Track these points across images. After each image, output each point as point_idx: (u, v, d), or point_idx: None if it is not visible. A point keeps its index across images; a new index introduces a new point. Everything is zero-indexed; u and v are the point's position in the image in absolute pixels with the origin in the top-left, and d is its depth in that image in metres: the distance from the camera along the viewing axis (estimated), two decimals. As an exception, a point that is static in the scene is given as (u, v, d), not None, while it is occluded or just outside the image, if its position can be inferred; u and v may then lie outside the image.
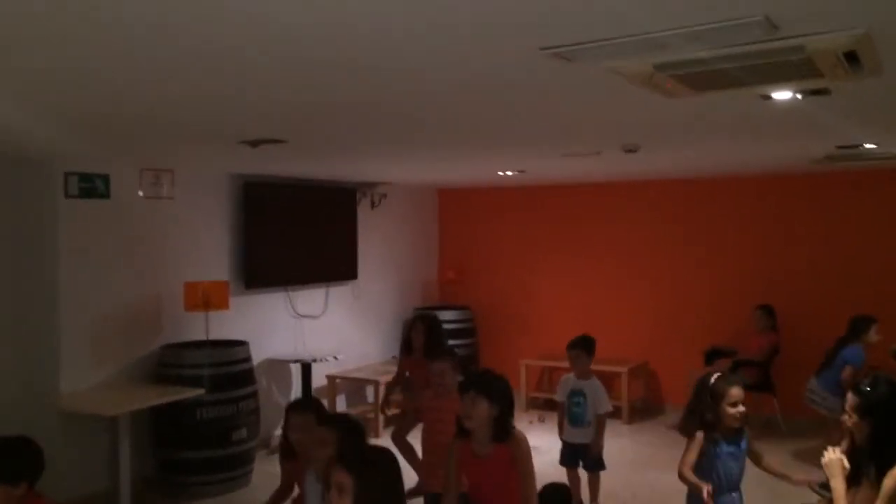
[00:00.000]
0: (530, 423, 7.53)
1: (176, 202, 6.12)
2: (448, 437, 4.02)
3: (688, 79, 2.57)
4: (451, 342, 8.36)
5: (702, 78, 2.55)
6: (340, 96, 3.02)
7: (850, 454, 3.08)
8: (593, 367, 5.16)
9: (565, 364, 5.37)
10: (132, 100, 3.05)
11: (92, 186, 5.50)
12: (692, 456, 3.48)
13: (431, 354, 5.37)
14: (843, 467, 3.00)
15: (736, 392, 3.47)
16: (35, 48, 2.21)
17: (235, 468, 5.77)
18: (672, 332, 7.90)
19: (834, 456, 3.02)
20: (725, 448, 3.51)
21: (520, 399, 8.07)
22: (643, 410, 7.92)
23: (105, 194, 5.59)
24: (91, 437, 5.39)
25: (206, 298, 5.85)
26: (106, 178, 5.59)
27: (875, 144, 4.98)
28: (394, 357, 7.73)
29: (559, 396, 5.16)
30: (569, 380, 5.14)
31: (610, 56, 2.27)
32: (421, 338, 5.67)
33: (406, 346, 5.85)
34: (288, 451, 3.76)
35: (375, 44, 2.18)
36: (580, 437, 5.04)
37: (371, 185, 8.03)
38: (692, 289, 7.85)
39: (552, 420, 6.18)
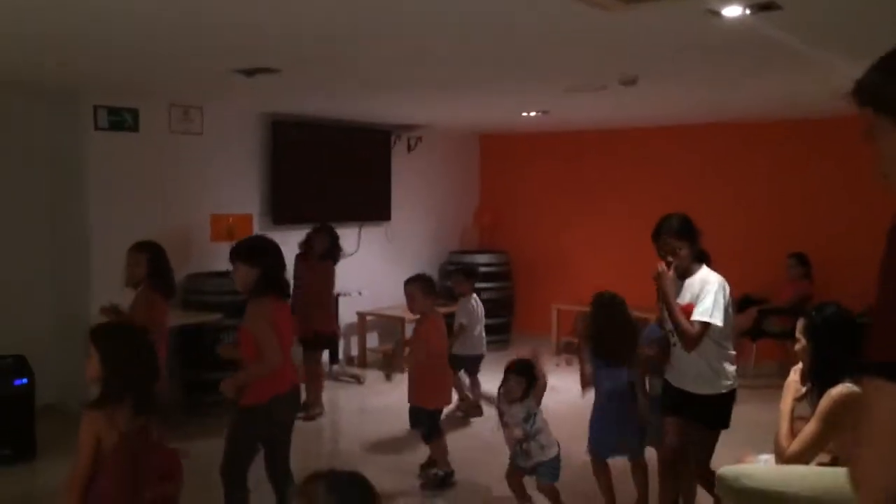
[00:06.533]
0: (557, 365, 7.57)
1: (205, 138, 6.38)
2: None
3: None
4: (486, 285, 8.50)
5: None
6: (324, 28, 3.14)
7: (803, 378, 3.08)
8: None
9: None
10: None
11: (121, 119, 5.80)
12: None
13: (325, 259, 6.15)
14: (796, 389, 3.04)
15: None
16: None
17: (256, 391, 6.05)
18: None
19: (791, 377, 3.06)
20: None
21: (550, 343, 8.14)
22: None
23: (134, 127, 5.89)
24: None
25: (231, 230, 6.12)
26: (135, 112, 5.88)
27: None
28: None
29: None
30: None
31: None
32: (324, 244, 6.12)
33: (307, 248, 6.19)
34: None
35: None
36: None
37: (406, 128, 8.11)
38: (727, 236, 7.66)
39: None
